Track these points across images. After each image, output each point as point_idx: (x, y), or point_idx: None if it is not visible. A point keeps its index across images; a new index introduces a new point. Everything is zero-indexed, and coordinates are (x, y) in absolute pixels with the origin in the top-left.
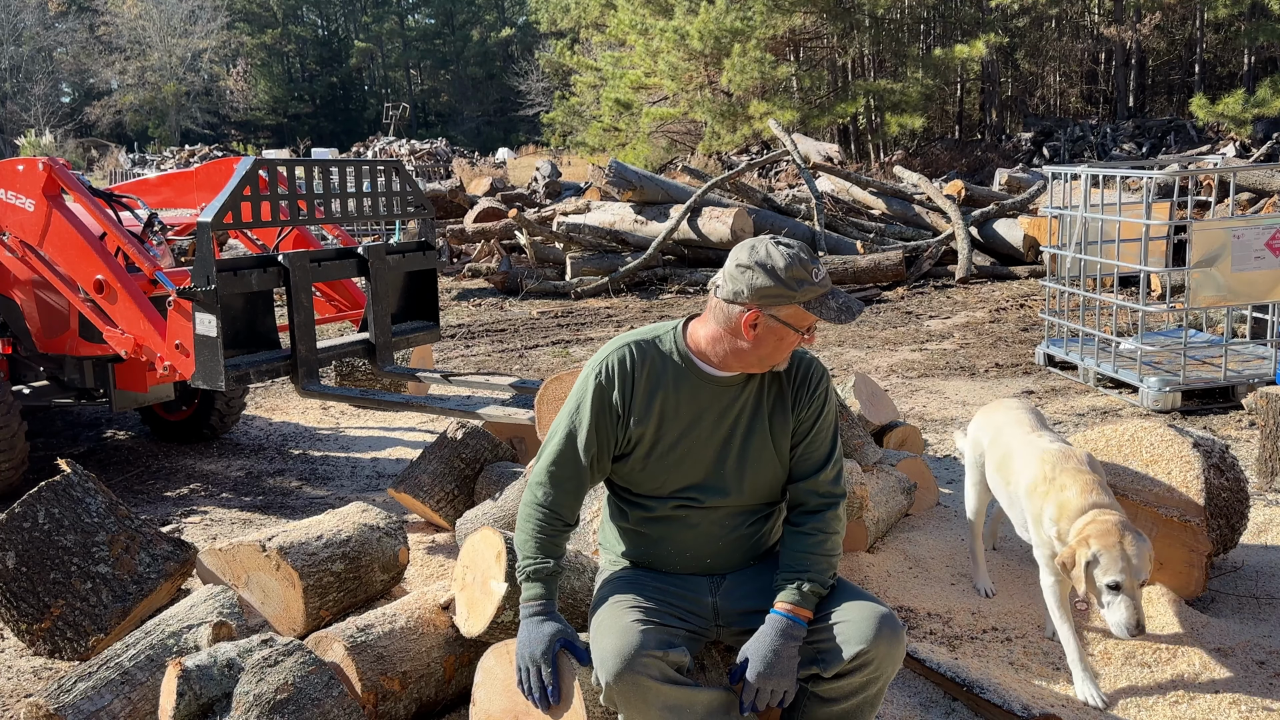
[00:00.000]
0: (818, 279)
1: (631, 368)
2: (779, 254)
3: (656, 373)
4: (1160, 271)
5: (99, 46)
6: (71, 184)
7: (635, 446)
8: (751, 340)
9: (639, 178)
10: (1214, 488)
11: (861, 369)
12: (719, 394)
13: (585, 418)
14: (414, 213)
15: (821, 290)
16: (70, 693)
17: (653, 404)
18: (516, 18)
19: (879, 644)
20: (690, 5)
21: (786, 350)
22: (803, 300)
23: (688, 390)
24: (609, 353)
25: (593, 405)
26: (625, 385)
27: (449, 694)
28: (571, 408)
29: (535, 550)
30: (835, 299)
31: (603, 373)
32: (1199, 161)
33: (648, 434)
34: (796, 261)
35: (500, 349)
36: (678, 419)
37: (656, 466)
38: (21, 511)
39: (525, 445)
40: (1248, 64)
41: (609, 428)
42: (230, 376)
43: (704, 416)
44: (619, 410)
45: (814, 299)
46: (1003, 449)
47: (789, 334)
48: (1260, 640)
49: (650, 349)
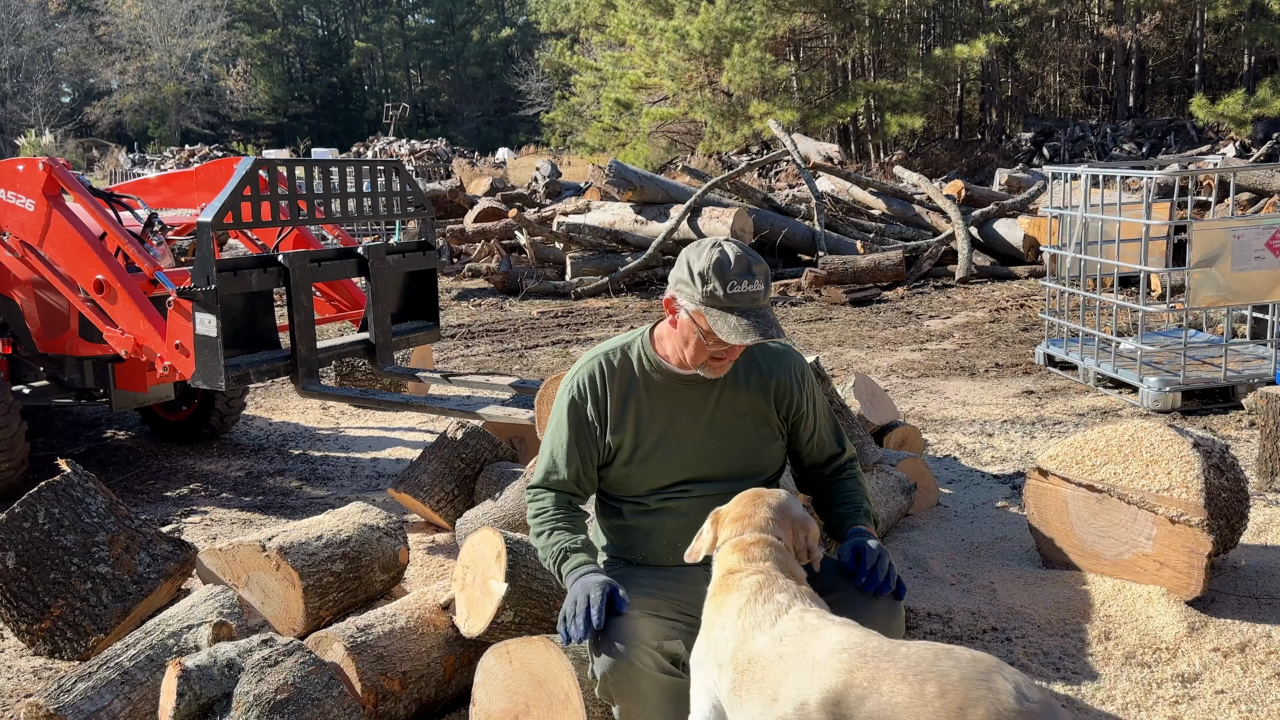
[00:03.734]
0: (731, 290)
1: (601, 380)
2: (710, 254)
3: (627, 381)
4: (1160, 271)
5: (99, 46)
6: (71, 184)
7: (616, 454)
8: (676, 329)
9: (639, 178)
10: (1214, 488)
11: (861, 369)
12: (691, 391)
13: (565, 434)
14: (414, 213)
15: (732, 303)
16: (70, 693)
17: (626, 412)
18: (516, 18)
19: (877, 616)
20: (690, 5)
21: (702, 355)
22: (703, 299)
23: (660, 393)
24: (579, 369)
25: (569, 421)
26: (598, 398)
27: (449, 694)
28: (552, 425)
29: (563, 533)
30: (745, 316)
31: (575, 389)
32: (1199, 161)
33: (626, 441)
34: (719, 266)
35: (500, 349)
36: (654, 422)
37: (640, 470)
38: (21, 511)
39: (525, 445)
40: (1248, 64)
41: (588, 441)
42: (230, 376)
43: (680, 415)
44: (595, 423)
45: (716, 304)
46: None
47: (698, 337)
48: (1260, 640)
49: (619, 358)
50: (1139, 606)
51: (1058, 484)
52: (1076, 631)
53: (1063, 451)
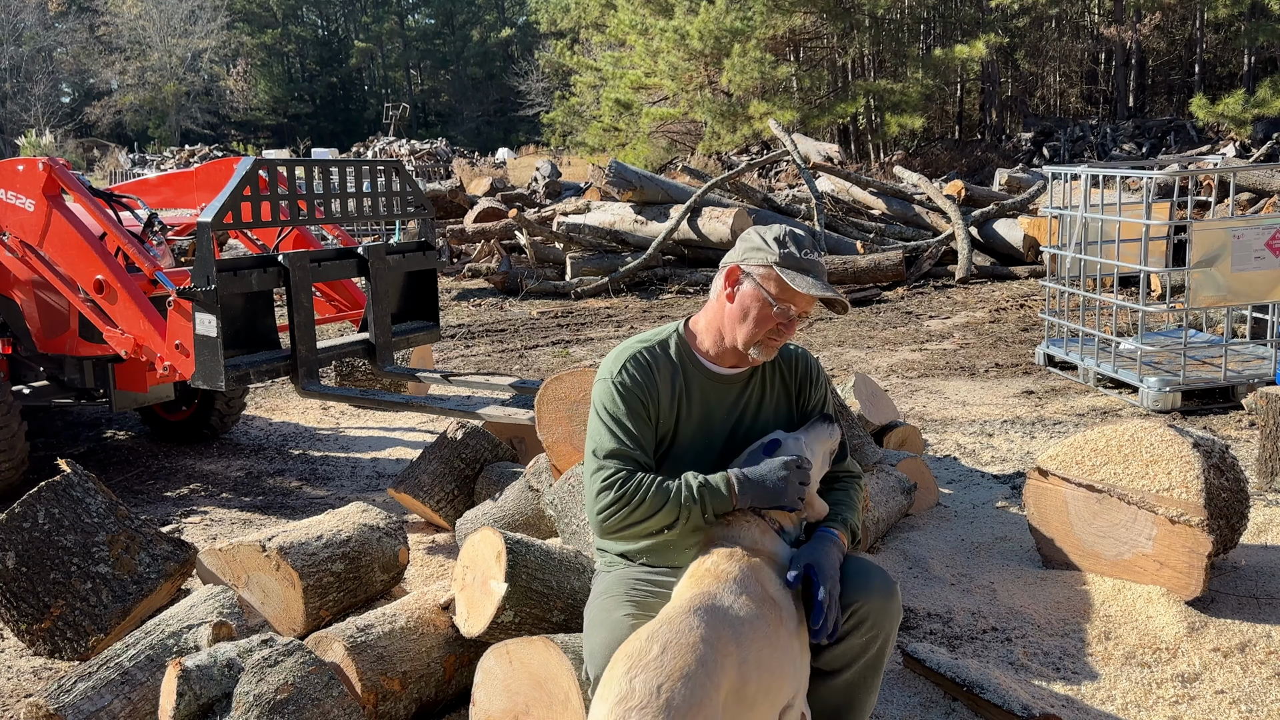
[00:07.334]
0: (802, 255)
1: (650, 367)
2: (783, 227)
3: (670, 372)
4: (1160, 271)
5: (99, 46)
6: (71, 184)
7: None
8: (734, 303)
9: (639, 178)
10: (1214, 488)
11: (861, 369)
12: (724, 392)
13: (625, 420)
14: (414, 213)
15: (806, 266)
16: (70, 693)
17: (673, 403)
18: (516, 18)
19: (874, 596)
20: (690, 5)
21: (762, 329)
22: (779, 260)
23: (697, 390)
24: (623, 359)
25: (626, 407)
26: (650, 384)
27: (449, 694)
28: (606, 418)
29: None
30: (812, 273)
31: (626, 378)
32: (1199, 161)
33: (668, 435)
34: (788, 235)
35: (500, 349)
36: (690, 419)
37: (669, 467)
38: (21, 511)
39: (525, 445)
40: (1248, 64)
41: (646, 422)
42: (230, 376)
43: (712, 415)
44: (649, 407)
45: (792, 263)
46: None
47: (763, 304)
48: (1260, 640)
49: (659, 352)
50: (1139, 606)
51: (1058, 484)
52: (1076, 631)
53: (1063, 451)
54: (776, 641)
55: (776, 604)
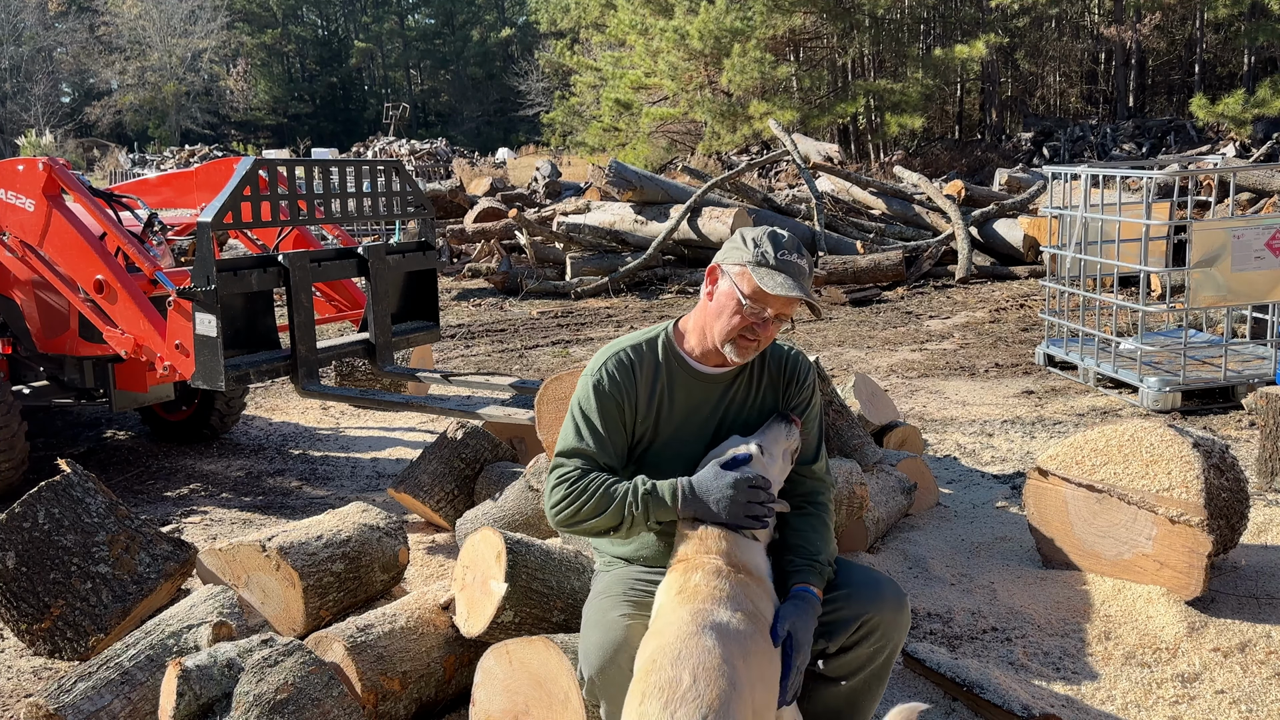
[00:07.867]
0: (781, 257)
1: (631, 367)
2: (765, 229)
3: (652, 373)
4: (1160, 271)
5: (99, 46)
6: (71, 184)
7: (633, 447)
8: (713, 301)
9: (639, 178)
10: (1214, 488)
11: (861, 369)
12: (708, 391)
13: (595, 420)
14: (414, 213)
15: (780, 267)
16: (70, 693)
17: (652, 403)
18: (516, 18)
19: (884, 609)
20: (690, 5)
21: (736, 328)
22: (752, 259)
23: (681, 389)
24: (606, 357)
25: (599, 407)
26: (629, 384)
27: (449, 694)
28: (577, 415)
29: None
30: (786, 274)
31: (604, 378)
32: (1199, 161)
33: (646, 434)
34: (773, 236)
35: (500, 349)
36: (672, 418)
37: (648, 467)
38: (21, 511)
39: (525, 445)
40: (1248, 64)
41: (618, 424)
42: (230, 376)
43: (695, 415)
44: (624, 408)
45: (765, 263)
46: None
47: (736, 302)
48: (1260, 640)
49: (646, 349)
50: (1139, 606)
51: (1058, 484)
52: (1076, 631)
53: (1063, 451)
54: (768, 655)
55: (764, 619)
